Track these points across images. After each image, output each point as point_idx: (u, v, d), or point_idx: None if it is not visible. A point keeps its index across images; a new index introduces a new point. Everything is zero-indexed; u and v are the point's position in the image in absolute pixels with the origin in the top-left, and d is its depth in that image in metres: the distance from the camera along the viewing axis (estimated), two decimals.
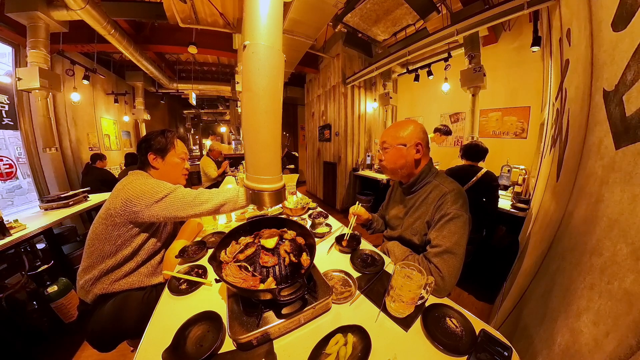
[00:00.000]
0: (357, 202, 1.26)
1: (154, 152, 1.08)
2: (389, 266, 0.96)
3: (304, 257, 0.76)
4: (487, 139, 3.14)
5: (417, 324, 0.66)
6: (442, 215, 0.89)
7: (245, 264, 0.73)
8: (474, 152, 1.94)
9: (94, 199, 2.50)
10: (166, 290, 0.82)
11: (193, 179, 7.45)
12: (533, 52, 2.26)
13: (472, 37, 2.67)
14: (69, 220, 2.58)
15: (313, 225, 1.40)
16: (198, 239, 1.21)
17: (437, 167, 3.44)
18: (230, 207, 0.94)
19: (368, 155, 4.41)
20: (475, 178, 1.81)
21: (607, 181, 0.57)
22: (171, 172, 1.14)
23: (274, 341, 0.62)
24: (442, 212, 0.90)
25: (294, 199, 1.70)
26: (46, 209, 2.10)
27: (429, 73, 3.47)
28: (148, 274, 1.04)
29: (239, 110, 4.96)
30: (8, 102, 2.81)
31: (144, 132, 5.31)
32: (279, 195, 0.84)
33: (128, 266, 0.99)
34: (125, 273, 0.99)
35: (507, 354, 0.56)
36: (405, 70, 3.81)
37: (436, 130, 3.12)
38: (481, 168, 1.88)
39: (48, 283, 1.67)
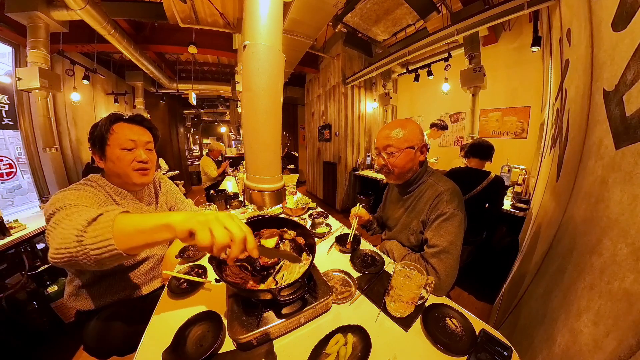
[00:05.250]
0: (358, 204, 1.25)
1: (94, 149, 0.88)
2: (389, 266, 0.96)
3: (304, 257, 0.76)
4: (487, 139, 3.13)
5: (417, 323, 0.66)
6: (439, 214, 0.89)
7: (245, 264, 0.73)
8: (485, 148, 1.81)
9: None
10: (166, 290, 0.82)
11: (193, 179, 7.46)
12: (533, 52, 2.26)
13: (472, 37, 2.67)
14: None
15: (313, 225, 1.39)
16: None
17: (437, 161, 3.39)
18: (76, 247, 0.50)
19: (368, 155, 4.41)
20: (485, 182, 1.70)
21: (607, 181, 0.57)
22: (116, 169, 0.89)
23: (274, 341, 0.61)
24: (438, 211, 0.90)
25: (294, 199, 1.70)
26: None
27: (429, 73, 3.47)
28: (106, 292, 0.92)
29: (239, 110, 4.96)
30: (8, 102, 2.80)
31: None
32: (279, 195, 0.84)
33: (88, 283, 0.89)
34: (93, 290, 0.89)
35: (507, 354, 0.56)
36: (405, 70, 3.81)
37: (432, 125, 3.10)
38: (489, 172, 1.76)
39: (48, 283, 1.67)
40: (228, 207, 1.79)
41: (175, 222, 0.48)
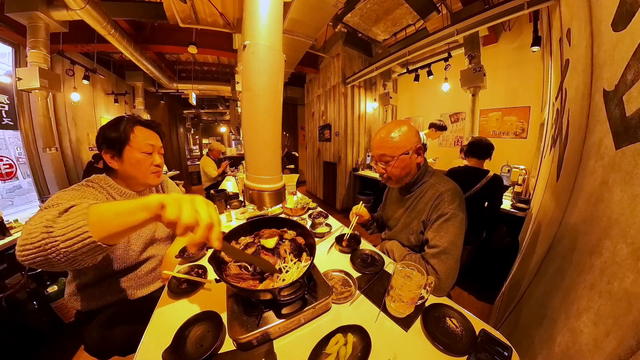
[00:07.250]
0: (360, 202, 1.25)
1: (109, 150, 0.88)
2: (389, 266, 0.96)
3: (304, 257, 0.76)
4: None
5: (417, 323, 0.66)
6: (439, 215, 0.89)
7: (246, 264, 0.73)
8: (484, 146, 1.82)
9: None
10: (166, 290, 0.82)
11: (193, 179, 7.46)
12: (533, 52, 2.26)
13: (472, 37, 2.67)
14: None
15: (313, 225, 1.39)
16: None
17: (435, 161, 3.35)
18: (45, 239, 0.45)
19: (368, 155, 4.41)
20: (484, 180, 1.71)
21: (607, 181, 0.57)
22: (134, 172, 0.92)
23: (274, 341, 0.62)
24: (439, 211, 0.90)
25: (294, 199, 1.70)
26: None
27: (429, 73, 3.47)
28: (118, 289, 0.92)
29: (239, 110, 4.96)
30: (8, 102, 2.81)
31: None
32: (279, 195, 0.84)
33: (91, 282, 0.89)
34: (94, 290, 0.89)
35: (507, 354, 0.56)
36: (405, 70, 3.81)
37: (431, 125, 3.09)
38: (488, 171, 1.77)
39: (48, 283, 1.67)
40: (228, 207, 1.79)
41: (151, 200, 0.47)
